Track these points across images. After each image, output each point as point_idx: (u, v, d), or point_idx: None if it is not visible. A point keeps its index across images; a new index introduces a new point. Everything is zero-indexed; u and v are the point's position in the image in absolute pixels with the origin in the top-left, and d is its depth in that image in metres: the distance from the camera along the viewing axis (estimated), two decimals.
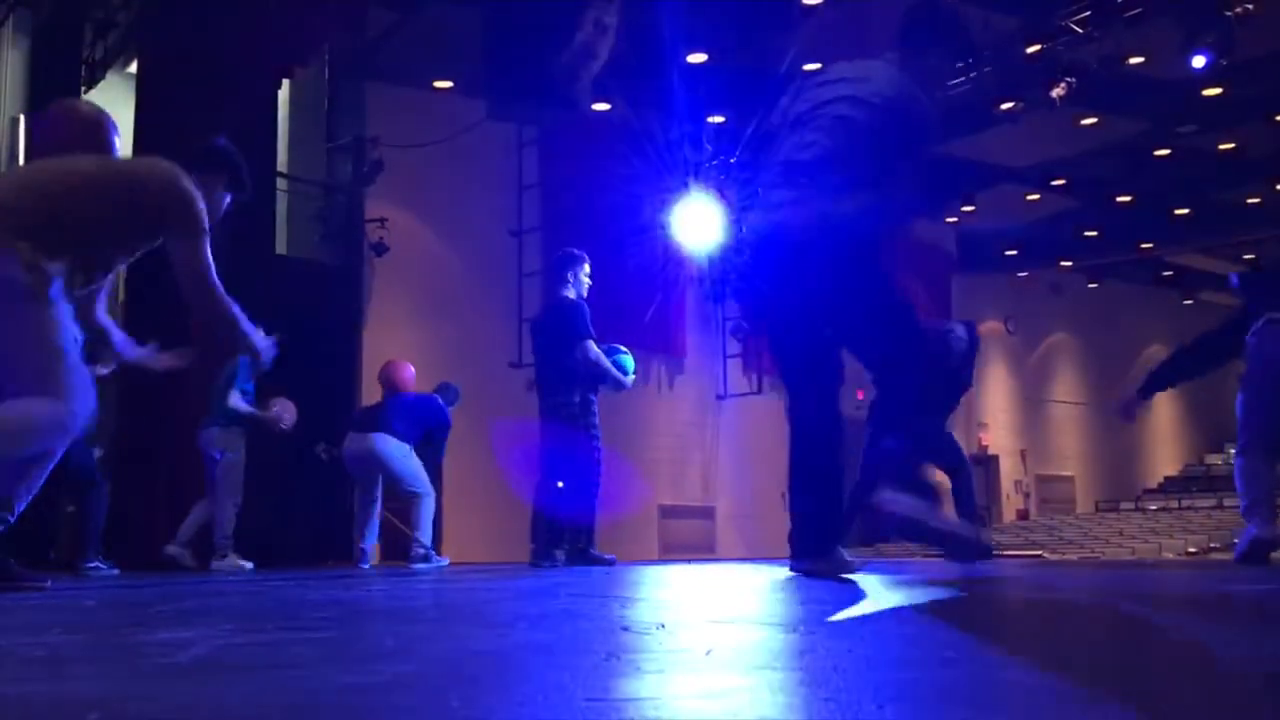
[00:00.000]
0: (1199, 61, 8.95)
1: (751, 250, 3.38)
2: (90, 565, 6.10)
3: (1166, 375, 5.13)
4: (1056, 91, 9.57)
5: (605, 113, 11.50)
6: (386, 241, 10.94)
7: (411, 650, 1.27)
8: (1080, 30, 9.31)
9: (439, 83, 11.52)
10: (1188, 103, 12.22)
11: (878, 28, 5.29)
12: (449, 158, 11.39)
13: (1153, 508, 18.97)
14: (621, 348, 6.21)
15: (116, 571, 6.26)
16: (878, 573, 3.49)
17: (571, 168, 12.42)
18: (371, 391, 8.45)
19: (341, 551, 7.72)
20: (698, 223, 11.63)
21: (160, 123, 7.87)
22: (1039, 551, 13.93)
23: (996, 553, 7.41)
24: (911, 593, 2.39)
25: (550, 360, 6.04)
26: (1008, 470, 19.19)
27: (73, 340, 3.02)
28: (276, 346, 3.41)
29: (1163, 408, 22.53)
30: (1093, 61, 9.52)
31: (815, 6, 9.61)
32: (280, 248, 10.34)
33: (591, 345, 5.89)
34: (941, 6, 3.61)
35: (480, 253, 12.23)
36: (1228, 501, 16.64)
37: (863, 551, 6.38)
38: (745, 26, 10.29)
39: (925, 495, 3.17)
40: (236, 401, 6.83)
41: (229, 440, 6.90)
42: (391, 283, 11.35)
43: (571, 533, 5.91)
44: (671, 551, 13.43)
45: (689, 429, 14.40)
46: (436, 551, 7.08)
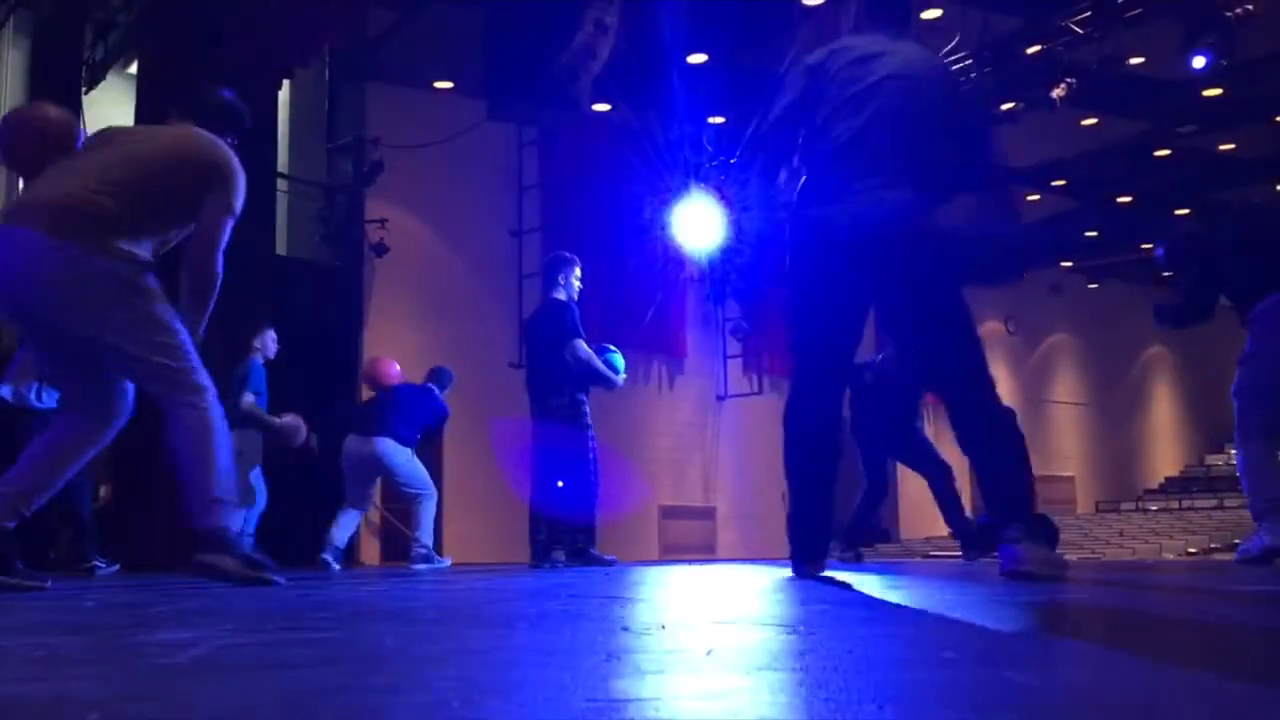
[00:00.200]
0: (1199, 62, 8.95)
1: (849, 234, 2.97)
2: (91, 564, 6.10)
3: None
4: (1057, 92, 9.57)
5: (605, 113, 11.50)
6: (386, 241, 10.95)
7: (411, 650, 1.27)
8: (1080, 31, 9.31)
9: (439, 83, 11.53)
10: (1188, 103, 12.24)
11: None
12: (449, 158, 11.40)
13: (1153, 508, 18.96)
14: (611, 347, 6.22)
15: (116, 567, 6.26)
16: (878, 573, 3.49)
17: (571, 168, 12.43)
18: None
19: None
20: (698, 223, 11.64)
21: (160, 123, 7.85)
22: None
23: (996, 553, 7.36)
24: (911, 593, 2.39)
25: (540, 362, 6.06)
26: None
27: (175, 316, 3.12)
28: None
29: (1163, 407, 22.54)
30: (1093, 62, 9.52)
31: (815, 7, 9.60)
32: (280, 248, 10.35)
33: (581, 344, 5.90)
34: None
35: (480, 253, 12.24)
36: (1229, 502, 16.62)
37: (863, 551, 6.38)
38: (745, 26, 10.29)
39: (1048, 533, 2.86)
40: (250, 403, 6.69)
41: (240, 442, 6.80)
42: (391, 283, 11.36)
43: (571, 533, 5.91)
44: (672, 552, 13.44)
45: (689, 429, 14.40)
46: (438, 553, 7.06)
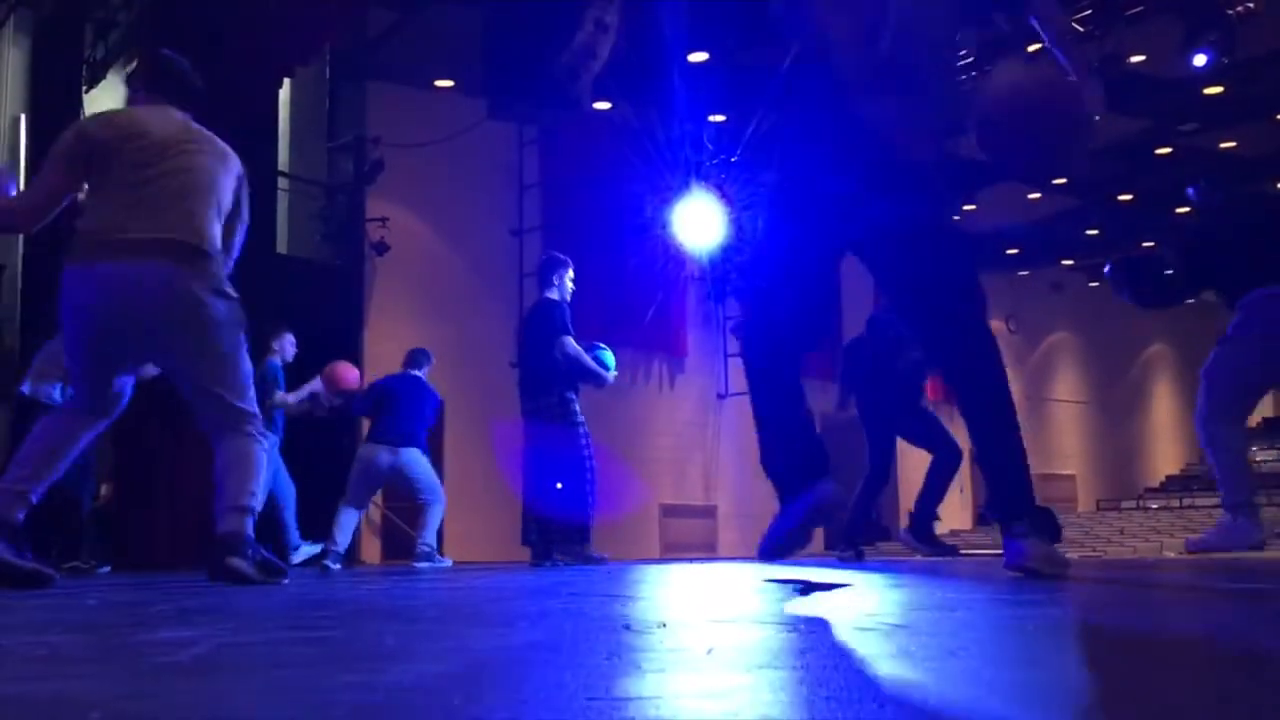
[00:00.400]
0: (1200, 60, 8.95)
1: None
2: (90, 562, 6.11)
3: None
4: None
5: (605, 112, 11.50)
6: (387, 241, 10.95)
7: (412, 649, 1.27)
8: (1081, 29, 9.31)
9: (439, 82, 11.53)
10: (1189, 101, 12.23)
11: None
12: (449, 157, 11.40)
13: (1154, 506, 18.98)
14: (601, 345, 6.23)
15: (108, 569, 6.26)
16: (877, 572, 3.49)
17: (572, 167, 12.43)
18: None
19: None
20: (698, 221, 11.64)
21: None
22: None
23: (995, 553, 7.37)
24: (913, 591, 2.39)
25: (530, 361, 6.07)
26: None
27: None
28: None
29: (1164, 406, 22.54)
30: (1094, 61, 9.52)
31: None
32: (281, 247, 10.36)
33: (569, 341, 5.91)
34: None
35: (480, 252, 12.24)
36: None
37: (864, 550, 6.38)
38: (745, 25, 10.28)
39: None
40: (281, 398, 6.64)
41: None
42: (392, 282, 11.36)
43: (563, 533, 5.90)
44: (672, 551, 13.44)
45: (690, 428, 14.40)
46: (440, 554, 7.06)
